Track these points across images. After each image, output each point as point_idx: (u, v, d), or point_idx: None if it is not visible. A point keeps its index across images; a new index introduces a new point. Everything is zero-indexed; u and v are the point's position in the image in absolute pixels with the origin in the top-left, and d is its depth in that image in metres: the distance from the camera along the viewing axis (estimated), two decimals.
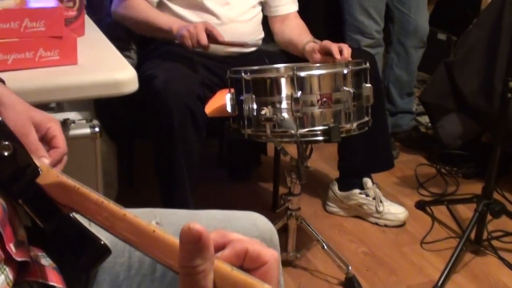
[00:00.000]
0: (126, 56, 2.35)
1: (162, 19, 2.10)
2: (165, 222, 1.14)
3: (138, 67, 2.22)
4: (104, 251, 0.70)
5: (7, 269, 0.77)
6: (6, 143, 0.73)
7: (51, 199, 0.72)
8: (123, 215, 0.64)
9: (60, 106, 2.09)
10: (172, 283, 1.09)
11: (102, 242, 0.70)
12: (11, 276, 0.78)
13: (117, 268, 1.07)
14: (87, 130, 1.70)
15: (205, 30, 1.97)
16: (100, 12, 2.71)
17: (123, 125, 2.45)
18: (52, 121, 0.98)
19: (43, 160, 0.93)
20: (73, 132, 1.70)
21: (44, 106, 1.86)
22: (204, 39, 1.95)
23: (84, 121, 1.74)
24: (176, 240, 0.59)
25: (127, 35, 2.30)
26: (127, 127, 2.48)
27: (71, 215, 0.74)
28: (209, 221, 1.16)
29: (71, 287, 0.92)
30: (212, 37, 1.98)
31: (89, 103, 2.19)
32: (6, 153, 0.72)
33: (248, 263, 0.58)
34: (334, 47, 2.01)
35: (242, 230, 1.16)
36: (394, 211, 2.47)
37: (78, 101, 2.12)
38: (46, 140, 0.97)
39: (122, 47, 2.31)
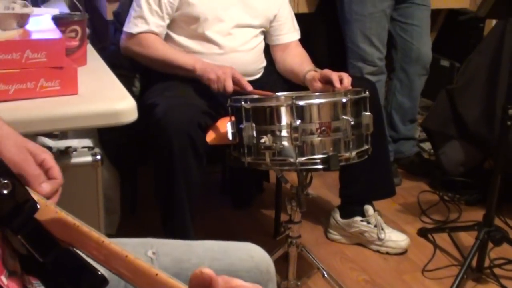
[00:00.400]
0: (130, 84, 2.38)
1: (183, 58, 2.13)
2: (161, 252, 1.14)
3: (141, 95, 2.26)
4: (102, 281, 0.71)
5: None
6: (5, 181, 0.74)
7: (49, 234, 0.74)
8: (125, 256, 0.66)
9: (63, 133, 2.12)
10: None
11: (100, 273, 0.71)
12: None
13: None
14: (88, 158, 1.72)
15: (232, 78, 2.00)
16: (105, 40, 2.75)
17: (126, 152, 2.47)
18: (45, 152, 0.99)
19: (43, 187, 0.94)
20: (75, 160, 1.72)
21: (48, 134, 1.89)
22: (230, 86, 1.99)
23: (86, 149, 1.76)
24: (178, 284, 0.61)
25: (130, 63, 2.32)
26: (130, 154, 2.49)
27: (69, 247, 0.75)
28: (205, 252, 1.16)
29: None
30: (239, 85, 2.02)
31: (93, 131, 2.21)
32: (5, 191, 0.73)
33: None
34: (334, 75, 2.03)
35: (238, 261, 1.17)
36: (396, 238, 2.47)
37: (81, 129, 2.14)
38: (43, 171, 0.97)
39: (125, 75, 2.34)
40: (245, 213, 2.76)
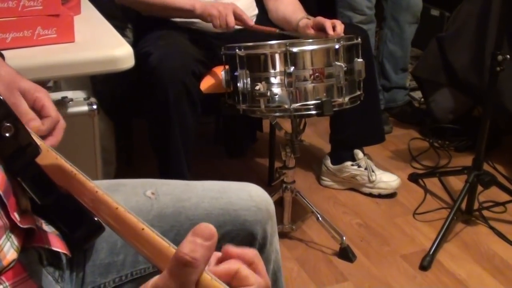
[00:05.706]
0: (122, 35, 2.38)
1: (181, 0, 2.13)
2: (161, 192, 1.15)
3: (134, 45, 2.26)
4: (98, 228, 0.72)
5: (13, 236, 0.80)
6: (8, 124, 0.74)
7: (49, 178, 0.75)
8: (115, 208, 0.66)
9: (57, 85, 2.13)
10: None
11: (96, 219, 0.71)
12: (17, 243, 0.81)
13: (114, 236, 1.10)
14: (84, 108, 1.74)
15: (233, 13, 2.02)
16: None
17: (121, 103, 2.49)
18: (39, 91, 0.98)
19: (33, 123, 0.93)
20: (71, 110, 1.74)
21: (41, 85, 1.91)
22: (232, 21, 2.01)
23: (81, 99, 1.78)
24: (161, 241, 0.61)
25: (123, 14, 2.32)
26: (125, 105, 2.51)
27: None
28: (204, 191, 1.17)
29: (71, 253, 0.95)
30: (241, 20, 2.03)
31: (86, 82, 2.22)
32: (7, 134, 0.73)
33: (235, 282, 0.60)
34: (327, 22, 2.04)
35: (237, 200, 1.17)
36: (386, 179, 2.52)
37: (75, 80, 2.15)
38: (36, 111, 0.96)
39: (118, 26, 2.33)
40: (239, 161, 2.80)
